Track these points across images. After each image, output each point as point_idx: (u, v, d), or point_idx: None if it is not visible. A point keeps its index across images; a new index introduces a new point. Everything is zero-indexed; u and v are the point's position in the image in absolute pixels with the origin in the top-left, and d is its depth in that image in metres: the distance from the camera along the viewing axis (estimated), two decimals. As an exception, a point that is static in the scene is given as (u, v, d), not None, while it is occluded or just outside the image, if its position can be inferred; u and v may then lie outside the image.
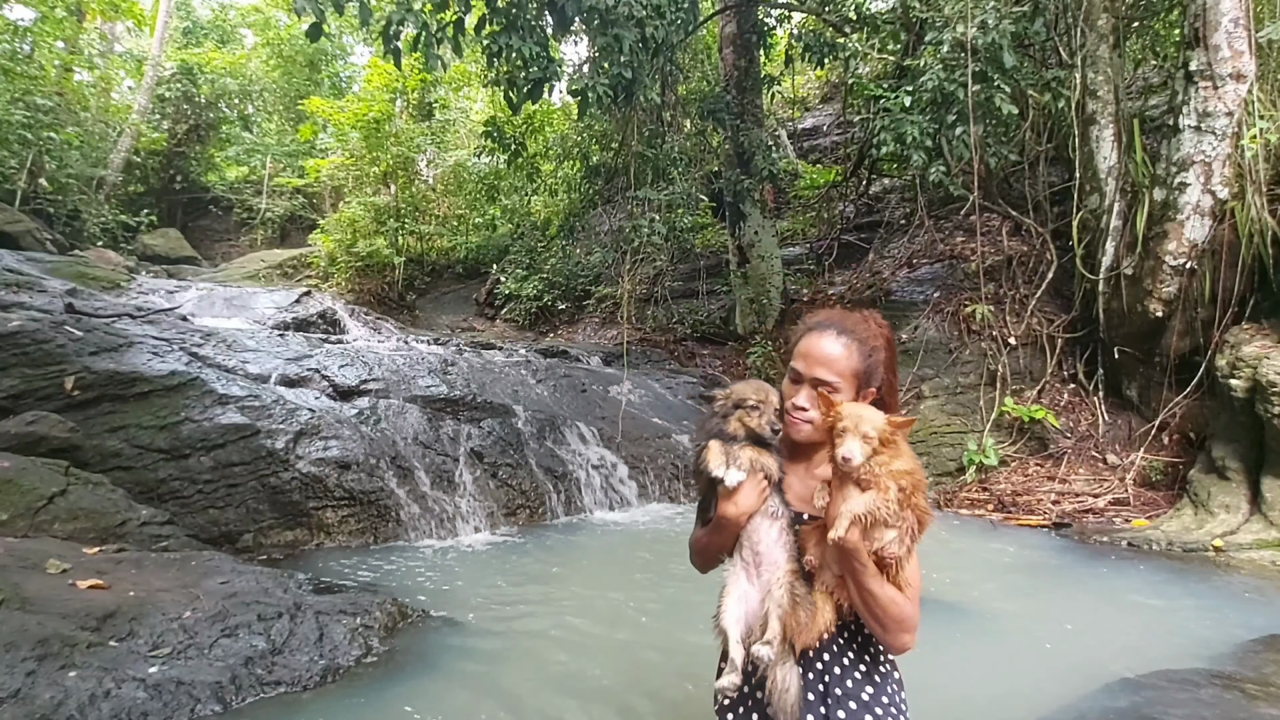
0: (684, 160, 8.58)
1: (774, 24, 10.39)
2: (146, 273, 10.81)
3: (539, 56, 6.02)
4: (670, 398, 7.50)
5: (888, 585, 1.40)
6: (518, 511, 5.30)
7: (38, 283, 5.71)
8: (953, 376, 6.93)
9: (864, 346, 1.57)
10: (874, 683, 1.50)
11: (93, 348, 4.60)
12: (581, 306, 12.36)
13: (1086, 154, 6.48)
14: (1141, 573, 4.17)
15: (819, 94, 15.21)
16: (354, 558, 4.23)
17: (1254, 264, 5.34)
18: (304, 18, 5.38)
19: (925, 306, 7.61)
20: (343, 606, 3.01)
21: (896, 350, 1.66)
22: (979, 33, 6.05)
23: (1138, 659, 2.82)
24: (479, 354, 7.54)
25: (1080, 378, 6.60)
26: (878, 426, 1.37)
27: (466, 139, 15.79)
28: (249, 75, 19.25)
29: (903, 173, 9.83)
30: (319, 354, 6.02)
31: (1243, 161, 5.29)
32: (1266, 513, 4.65)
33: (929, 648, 3.05)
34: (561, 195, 12.51)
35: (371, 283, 12.53)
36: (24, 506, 3.33)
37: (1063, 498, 5.72)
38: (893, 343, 1.64)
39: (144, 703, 2.17)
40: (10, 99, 12.02)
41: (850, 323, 1.60)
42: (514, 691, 2.62)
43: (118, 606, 2.58)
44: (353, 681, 2.58)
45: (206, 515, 4.19)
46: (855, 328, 1.59)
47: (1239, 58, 5.31)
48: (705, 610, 3.47)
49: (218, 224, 17.96)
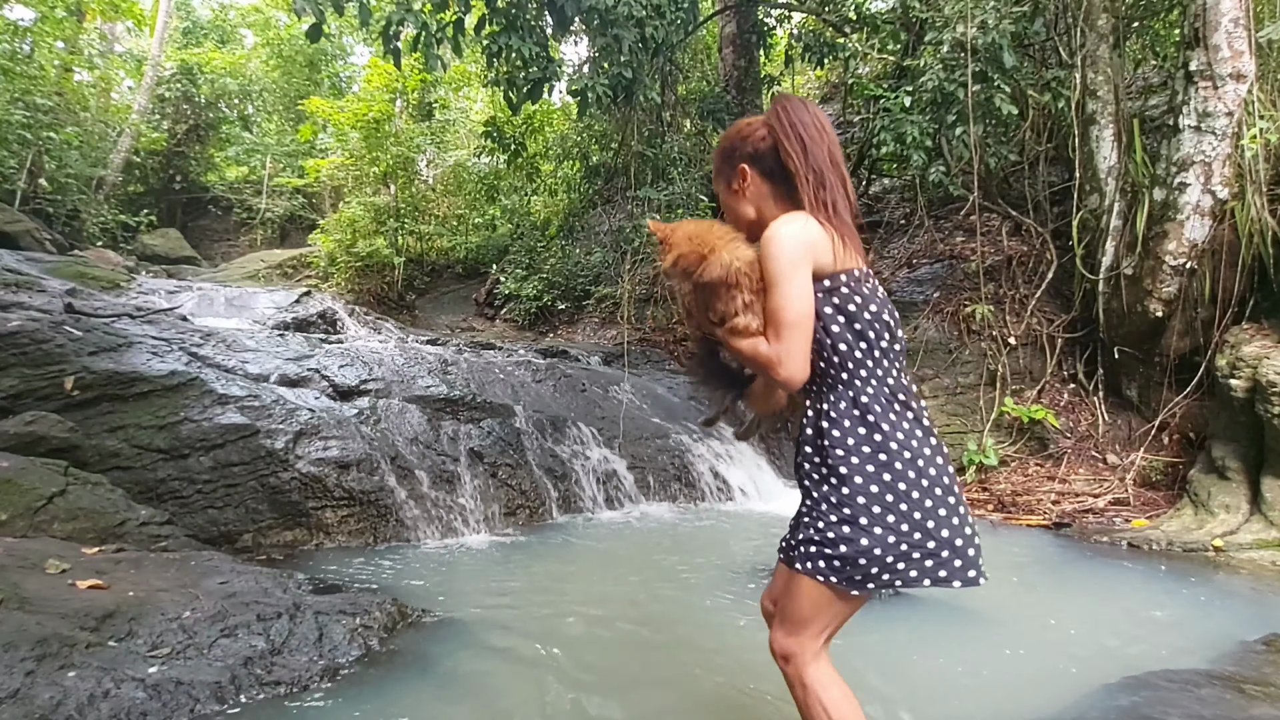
0: (684, 160, 8.59)
1: (774, 24, 10.40)
2: (146, 273, 10.81)
3: (539, 56, 6.03)
4: (670, 398, 7.50)
5: (745, 340, 1.57)
6: (518, 511, 5.29)
7: (37, 283, 5.71)
8: (952, 376, 6.93)
9: (720, 151, 1.80)
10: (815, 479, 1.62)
11: (92, 348, 4.59)
12: (581, 306, 12.36)
13: (1086, 154, 6.48)
14: (1141, 573, 4.17)
15: (819, 94, 15.18)
16: (354, 558, 4.23)
17: (1254, 264, 5.34)
18: (304, 18, 5.38)
19: (925, 306, 7.61)
20: (342, 606, 3.01)
21: (799, 131, 1.65)
22: (979, 33, 6.05)
23: (1138, 659, 2.82)
24: (479, 354, 7.54)
25: (1080, 378, 6.60)
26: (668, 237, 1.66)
27: (466, 139, 15.79)
28: (249, 75, 19.25)
29: (903, 173, 9.83)
30: (319, 354, 6.02)
31: (1243, 161, 5.29)
32: (1266, 513, 4.65)
33: (929, 647, 3.06)
34: (561, 195, 12.51)
35: (371, 283, 12.53)
36: (23, 506, 3.33)
37: (1063, 498, 5.73)
38: (782, 121, 1.66)
39: (143, 703, 2.17)
40: (10, 99, 12.02)
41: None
42: (514, 691, 2.62)
43: (117, 606, 2.58)
44: (352, 681, 2.57)
45: (206, 515, 4.19)
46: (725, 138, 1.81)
47: (1239, 58, 5.31)
48: (705, 610, 3.48)
49: (217, 224, 17.96)
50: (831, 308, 1.59)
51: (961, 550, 1.54)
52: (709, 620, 3.24)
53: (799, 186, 1.64)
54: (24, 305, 4.97)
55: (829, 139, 1.67)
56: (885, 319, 1.62)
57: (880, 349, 1.61)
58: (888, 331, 1.62)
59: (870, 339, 1.60)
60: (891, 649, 3.00)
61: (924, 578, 1.53)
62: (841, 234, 1.61)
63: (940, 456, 1.59)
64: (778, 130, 1.67)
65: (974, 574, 1.56)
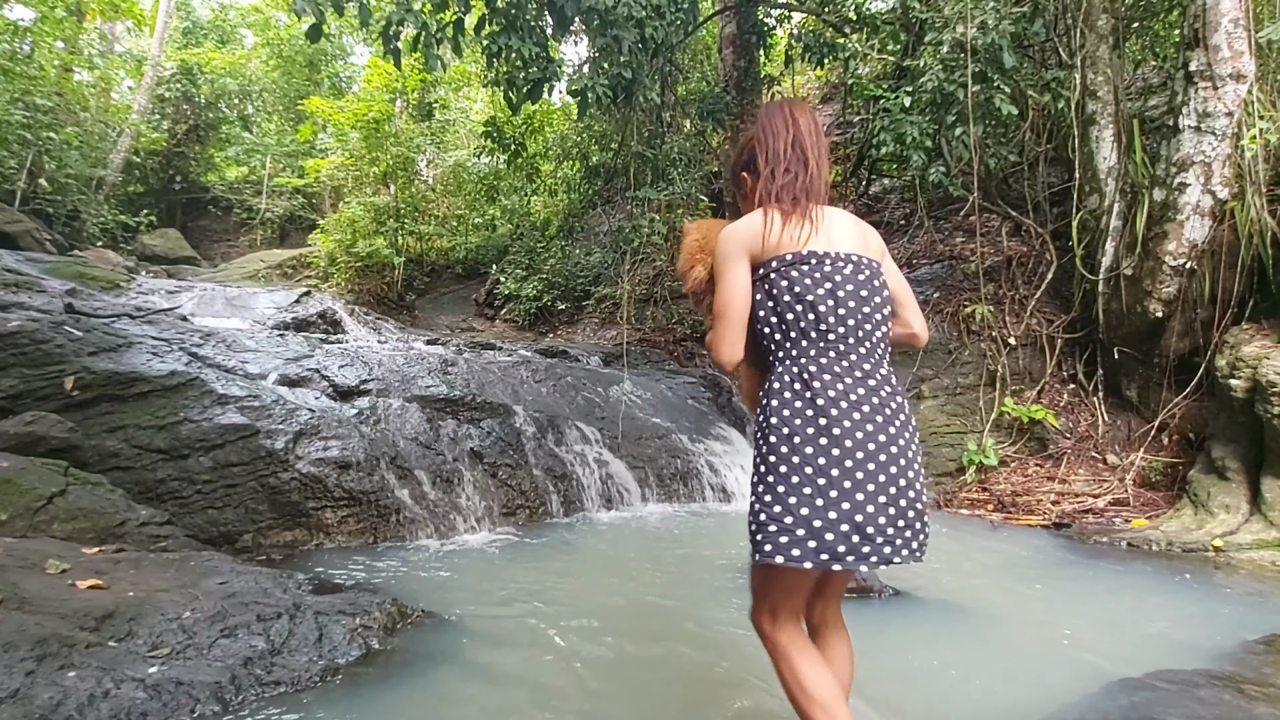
0: (684, 160, 8.58)
1: (774, 24, 10.39)
2: (146, 273, 10.81)
3: (539, 57, 6.03)
4: (670, 398, 7.50)
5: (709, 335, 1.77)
6: (518, 511, 5.29)
7: (37, 283, 5.71)
8: (952, 377, 6.93)
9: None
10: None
11: (92, 348, 4.59)
12: (581, 307, 12.36)
13: (1086, 154, 6.48)
14: (1141, 573, 4.17)
15: (819, 94, 15.19)
16: (354, 558, 4.23)
17: (1254, 264, 5.34)
18: (304, 18, 5.38)
19: (925, 307, 7.61)
20: (342, 607, 3.01)
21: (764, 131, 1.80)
22: (979, 33, 6.05)
23: (1138, 659, 2.82)
24: (479, 354, 7.54)
25: (1080, 378, 6.60)
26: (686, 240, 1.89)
27: (466, 139, 15.79)
28: (249, 75, 19.25)
29: (902, 173, 9.83)
30: (319, 354, 6.02)
31: (1243, 162, 5.30)
32: (1266, 513, 4.65)
33: (928, 647, 3.06)
34: (561, 195, 12.51)
35: (371, 283, 12.53)
36: (23, 506, 3.33)
37: (1063, 498, 5.73)
38: (756, 125, 1.83)
39: (143, 703, 2.17)
40: (10, 99, 12.01)
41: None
42: (515, 691, 2.61)
43: (117, 607, 2.58)
44: (352, 682, 2.57)
45: (205, 515, 4.19)
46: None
47: (1239, 58, 5.31)
48: (705, 610, 3.48)
49: (217, 224, 17.96)
50: (762, 294, 1.69)
51: (820, 531, 1.51)
52: (709, 620, 3.24)
53: (751, 187, 1.80)
54: (24, 305, 4.97)
55: (796, 129, 1.76)
56: (812, 300, 1.63)
57: (799, 329, 1.64)
58: (812, 312, 1.63)
59: (789, 321, 1.65)
60: (890, 649, 3.00)
61: (781, 554, 1.53)
62: (789, 218, 1.69)
63: (840, 442, 1.54)
64: (753, 135, 1.82)
65: (830, 558, 1.51)
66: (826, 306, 1.63)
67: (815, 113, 1.83)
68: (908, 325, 1.85)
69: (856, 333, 1.64)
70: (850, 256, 1.69)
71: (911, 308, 1.85)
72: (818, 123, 1.79)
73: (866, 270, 1.70)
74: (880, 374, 1.66)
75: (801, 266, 1.66)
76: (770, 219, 1.69)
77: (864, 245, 1.75)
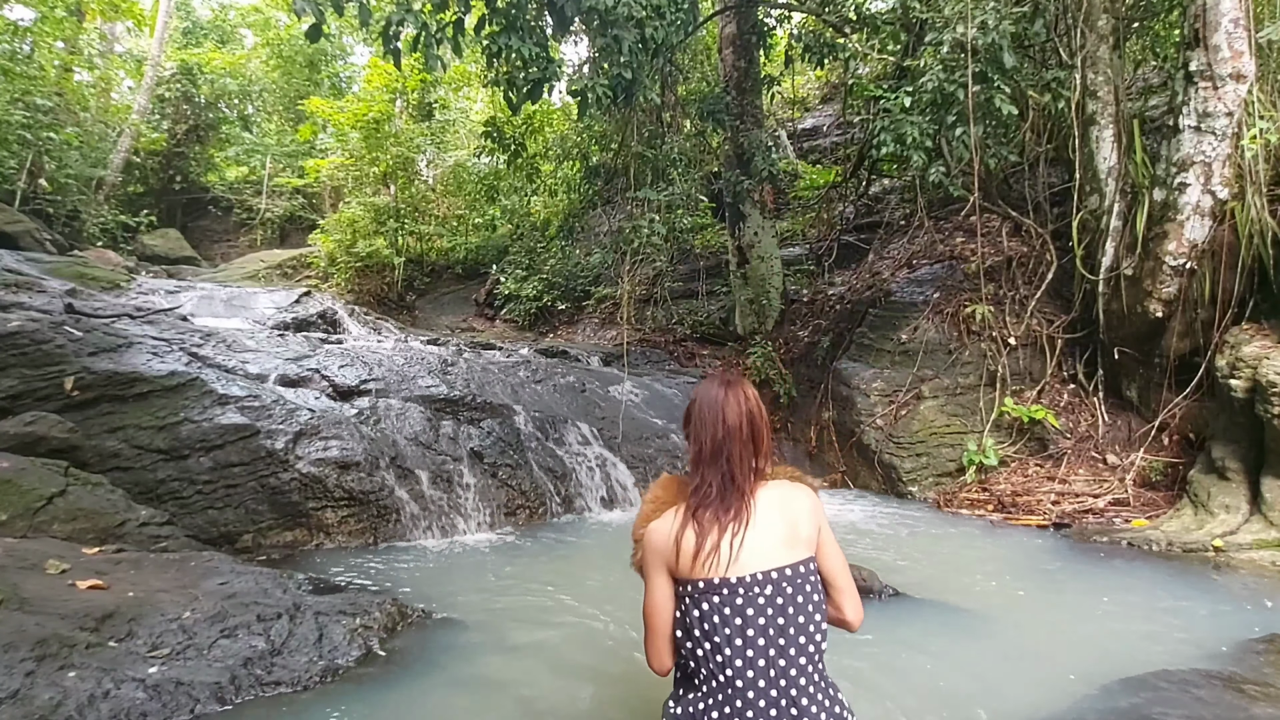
0: (684, 161, 8.58)
1: (774, 24, 10.37)
2: (146, 273, 10.82)
3: (539, 57, 6.03)
4: (670, 398, 7.50)
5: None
6: (518, 511, 5.29)
7: (37, 283, 5.71)
8: (952, 377, 6.93)
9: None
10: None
11: (92, 348, 4.59)
12: (581, 307, 12.36)
13: (1086, 154, 6.48)
14: (1141, 573, 4.17)
15: (819, 94, 15.20)
16: (354, 558, 4.23)
17: (1254, 264, 5.33)
18: (304, 18, 5.38)
19: (925, 307, 7.60)
20: (342, 607, 3.01)
21: (698, 415, 1.76)
22: (979, 33, 6.04)
23: (1138, 659, 2.82)
24: (479, 354, 7.54)
25: (1080, 378, 6.60)
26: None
27: (466, 139, 15.79)
28: (249, 75, 19.26)
29: (903, 173, 9.82)
30: (319, 354, 6.02)
31: (1243, 162, 5.29)
32: (1266, 513, 4.65)
33: (929, 647, 3.06)
34: (561, 196, 12.50)
35: (371, 283, 12.54)
36: (23, 507, 3.33)
37: (1063, 498, 5.72)
38: (699, 408, 1.77)
39: (143, 703, 2.17)
40: (10, 99, 12.02)
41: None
42: (515, 692, 2.61)
43: (117, 607, 2.58)
44: (352, 682, 2.57)
45: (206, 516, 4.19)
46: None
47: (1239, 58, 5.31)
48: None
49: (217, 224, 17.95)
50: (681, 610, 1.64)
51: None
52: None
53: (691, 459, 1.76)
54: (24, 305, 4.97)
55: (725, 426, 1.70)
56: (719, 641, 1.56)
57: (708, 669, 1.57)
58: (719, 655, 1.56)
59: (699, 658, 1.59)
60: (891, 649, 3.00)
61: None
62: (704, 537, 1.61)
63: None
64: (690, 406, 1.80)
65: None
66: (734, 648, 1.55)
67: (747, 393, 1.74)
68: (839, 609, 1.73)
69: (768, 673, 1.55)
70: (770, 575, 1.59)
71: (845, 590, 1.73)
72: (750, 407, 1.72)
73: (788, 587, 1.59)
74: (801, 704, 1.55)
75: (712, 598, 1.58)
76: (684, 539, 1.62)
77: (792, 538, 1.64)
